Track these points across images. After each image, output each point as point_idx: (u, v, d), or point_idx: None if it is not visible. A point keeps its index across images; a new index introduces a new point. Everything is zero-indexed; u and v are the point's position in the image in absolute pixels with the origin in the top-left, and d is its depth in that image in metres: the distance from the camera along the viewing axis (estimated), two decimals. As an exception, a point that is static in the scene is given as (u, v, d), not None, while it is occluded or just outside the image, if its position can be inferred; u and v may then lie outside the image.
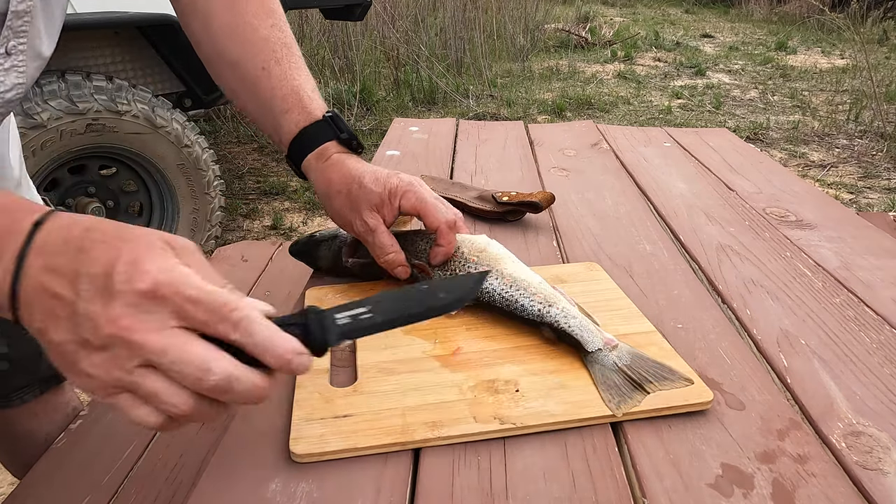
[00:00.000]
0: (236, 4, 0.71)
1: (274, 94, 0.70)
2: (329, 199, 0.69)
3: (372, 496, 0.47)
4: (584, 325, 0.61)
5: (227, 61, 0.72)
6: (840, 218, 0.99)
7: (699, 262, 0.84)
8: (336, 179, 0.69)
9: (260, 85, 0.70)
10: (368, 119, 4.11)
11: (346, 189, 0.68)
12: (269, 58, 0.70)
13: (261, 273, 1.41)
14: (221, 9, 0.71)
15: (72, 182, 1.96)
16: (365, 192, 0.67)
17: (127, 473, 0.85)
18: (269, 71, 0.70)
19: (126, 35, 2.08)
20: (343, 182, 0.68)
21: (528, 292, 0.64)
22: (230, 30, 0.71)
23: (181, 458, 0.88)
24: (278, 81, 0.70)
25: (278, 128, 0.71)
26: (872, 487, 0.48)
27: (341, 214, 0.69)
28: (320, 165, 0.70)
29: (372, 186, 0.67)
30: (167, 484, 0.83)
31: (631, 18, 8.61)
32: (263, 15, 0.72)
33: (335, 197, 0.69)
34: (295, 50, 0.73)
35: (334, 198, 0.69)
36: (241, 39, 0.71)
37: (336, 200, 0.69)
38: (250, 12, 0.71)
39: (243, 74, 0.71)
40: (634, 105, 4.70)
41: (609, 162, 1.26)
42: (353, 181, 0.68)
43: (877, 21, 7.13)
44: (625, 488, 0.48)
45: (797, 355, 0.64)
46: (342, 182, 0.68)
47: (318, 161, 0.70)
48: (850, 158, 3.65)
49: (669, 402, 0.55)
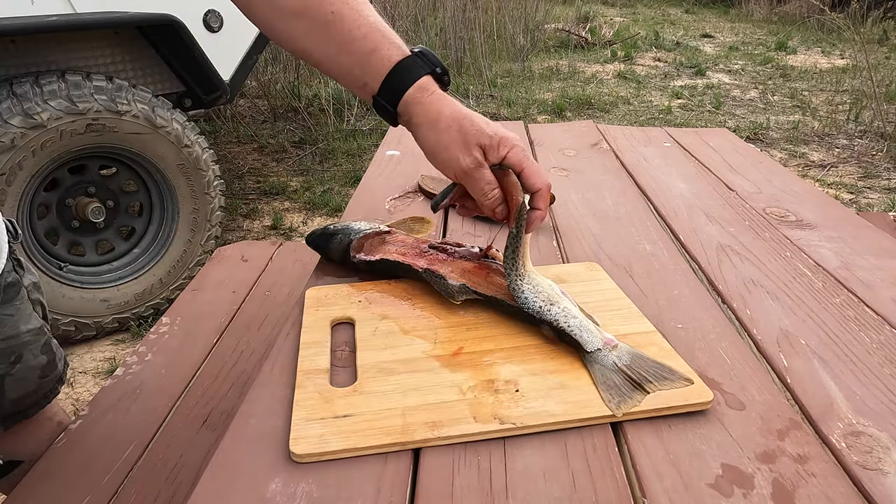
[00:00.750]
0: None
1: (353, 36, 0.68)
2: (437, 133, 0.68)
3: (372, 496, 0.47)
4: (583, 325, 0.61)
5: (289, 13, 0.69)
6: (840, 218, 0.99)
7: (699, 262, 0.84)
8: (447, 113, 0.68)
9: (333, 30, 0.68)
10: (368, 119, 4.11)
11: (457, 124, 0.68)
12: (335, 0, 0.67)
13: (261, 273, 1.41)
14: None
15: (72, 182, 1.96)
16: (476, 130, 0.67)
17: (127, 473, 0.85)
18: (340, 13, 0.67)
19: (126, 35, 2.08)
20: (454, 117, 0.68)
21: (536, 289, 0.64)
22: None
23: (181, 458, 0.88)
24: (354, 22, 0.68)
25: (365, 69, 0.69)
26: (872, 487, 0.48)
27: (448, 148, 0.68)
28: (425, 98, 0.69)
29: (483, 127, 0.67)
30: (167, 484, 0.83)
31: (631, 18, 8.60)
32: None
33: (444, 131, 0.68)
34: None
35: (444, 131, 0.68)
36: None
37: (445, 134, 0.68)
38: None
39: (311, 24, 0.68)
40: (634, 105, 4.70)
41: (609, 162, 1.26)
42: (464, 117, 0.68)
43: (877, 21, 7.12)
44: (625, 488, 0.48)
45: (797, 355, 0.64)
46: (453, 116, 0.68)
47: (422, 94, 0.69)
48: (850, 158, 3.65)
49: (669, 402, 0.55)
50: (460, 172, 0.69)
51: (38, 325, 0.84)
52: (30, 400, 0.88)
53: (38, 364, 0.85)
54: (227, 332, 1.19)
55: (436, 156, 0.70)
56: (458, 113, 0.68)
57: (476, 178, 0.68)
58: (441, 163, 0.70)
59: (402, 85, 0.69)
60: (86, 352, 1.98)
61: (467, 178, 0.69)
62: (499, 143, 0.67)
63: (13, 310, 0.81)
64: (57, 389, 0.91)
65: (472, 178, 0.68)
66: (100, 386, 1.81)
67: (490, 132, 0.67)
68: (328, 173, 3.33)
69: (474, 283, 0.69)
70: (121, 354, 1.97)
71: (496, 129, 0.68)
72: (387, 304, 0.71)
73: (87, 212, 1.95)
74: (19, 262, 0.84)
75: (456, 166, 0.69)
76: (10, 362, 0.81)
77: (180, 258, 2.12)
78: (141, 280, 2.05)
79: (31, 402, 0.88)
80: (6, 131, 1.69)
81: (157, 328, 1.22)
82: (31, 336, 0.83)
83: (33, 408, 0.89)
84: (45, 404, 0.90)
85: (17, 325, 0.81)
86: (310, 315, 0.69)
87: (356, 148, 3.65)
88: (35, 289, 0.87)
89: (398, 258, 0.75)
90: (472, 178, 0.68)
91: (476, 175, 0.68)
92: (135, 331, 2.05)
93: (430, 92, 0.69)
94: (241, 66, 2.34)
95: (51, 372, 0.88)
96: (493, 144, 0.67)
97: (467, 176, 0.69)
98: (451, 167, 0.70)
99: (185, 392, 1.05)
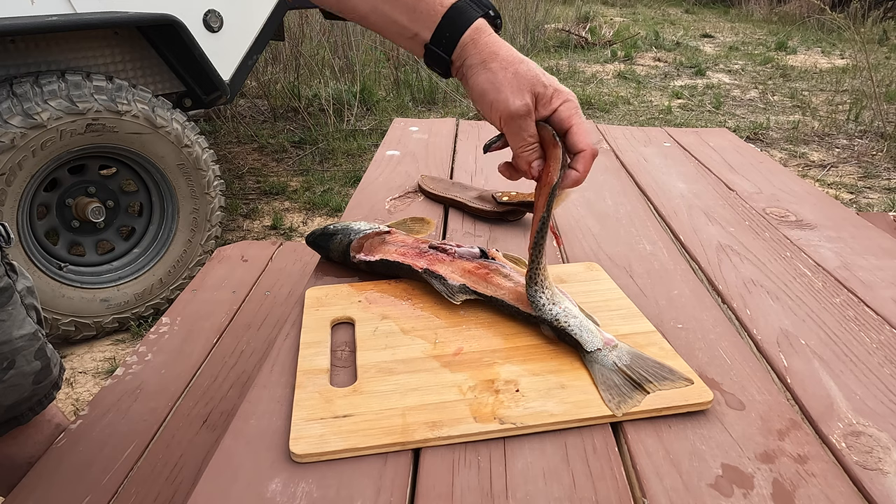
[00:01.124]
0: None
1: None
2: (490, 72, 0.65)
3: (372, 496, 0.47)
4: (583, 325, 0.61)
5: None
6: (840, 218, 0.99)
7: (699, 262, 0.84)
8: (503, 54, 0.65)
9: None
10: (368, 119, 4.11)
11: (513, 66, 0.64)
12: None
13: (261, 273, 1.41)
14: None
15: (72, 182, 1.95)
16: (532, 76, 0.64)
17: (127, 473, 0.85)
18: None
19: (126, 35, 2.08)
20: (510, 59, 0.65)
21: (542, 285, 0.64)
22: None
23: (181, 458, 0.88)
24: None
25: (414, 17, 0.66)
26: (872, 487, 0.48)
27: (500, 88, 0.64)
28: (482, 39, 0.65)
29: (539, 75, 0.64)
30: (167, 484, 0.83)
31: (631, 18, 8.60)
32: None
33: (499, 70, 0.64)
34: None
35: (498, 71, 0.64)
36: None
37: (500, 74, 0.64)
38: None
39: None
40: (634, 105, 4.70)
41: (609, 162, 1.26)
42: (521, 62, 0.65)
43: (877, 21, 7.13)
44: (625, 488, 0.48)
45: (797, 355, 0.64)
46: (509, 59, 0.65)
47: (479, 35, 0.65)
48: (850, 158, 3.65)
49: (669, 402, 0.55)
50: (507, 116, 0.65)
51: (32, 331, 0.84)
52: (24, 406, 0.87)
53: (32, 370, 0.84)
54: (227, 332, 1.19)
55: (484, 96, 0.66)
56: (514, 56, 0.65)
57: (520, 127, 0.65)
58: (488, 104, 0.66)
59: (457, 29, 0.65)
60: (86, 352, 1.98)
61: (511, 125, 0.65)
62: (553, 95, 0.64)
63: (5, 315, 0.80)
64: (52, 395, 0.90)
65: (517, 125, 0.65)
66: (100, 386, 1.81)
67: (546, 81, 0.64)
68: (328, 173, 3.33)
69: (474, 284, 0.69)
70: (121, 354, 1.97)
71: (552, 80, 0.65)
72: (387, 304, 0.71)
73: (87, 212, 1.95)
74: (12, 267, 0.83)
75: (503, 108, 0.65)
76: (3, 368, 0.80)
77: (180, 258, 2.12)
78: (141, 280, 2.05)
79: (26, 407, 0.87)
80: (6, 131, 1.69)
81: (157, 328, 1.22)
82: (24, 342, 0.82)
83: (28, 413, 0.88)
84: (40, 410, 0.90)
85: (10, 330, 0.80)
86: (310, 315, 0.69)
87: (356, 148, 3.65)
88: (29, 293, 0.86)
89: (398, 258, 0.75)
90: (517, 125, 0.65)
91: (521, 123, 0.64)
92: (135, 331, 2.05)
93: (487, 32, 0.66)
94: (241, 66, 2.34)
95: (45, 378, 0.87)
96: (546, 94, 0.64)
97: (512, 121, 0.65)
98: (497, 109, 0.65)
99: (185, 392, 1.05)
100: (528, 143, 0.65)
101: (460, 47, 0.66)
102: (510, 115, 0.64)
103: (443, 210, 1.01)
